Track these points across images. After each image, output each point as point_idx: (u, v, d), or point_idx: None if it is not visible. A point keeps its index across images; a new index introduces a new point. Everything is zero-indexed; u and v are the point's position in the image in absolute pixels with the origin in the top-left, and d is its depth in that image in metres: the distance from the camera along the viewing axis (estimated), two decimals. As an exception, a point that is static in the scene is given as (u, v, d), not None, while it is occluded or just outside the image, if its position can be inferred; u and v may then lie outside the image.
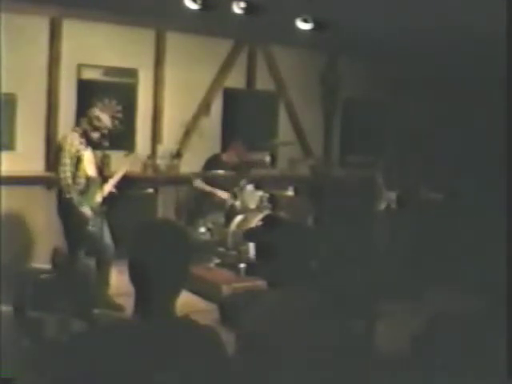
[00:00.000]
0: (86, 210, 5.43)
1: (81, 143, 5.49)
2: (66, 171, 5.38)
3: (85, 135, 5.53)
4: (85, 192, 5.50)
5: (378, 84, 8.72)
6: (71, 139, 5.46)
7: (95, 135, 5.57)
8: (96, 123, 5.56)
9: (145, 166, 7.66)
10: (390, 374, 3.73)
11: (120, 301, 5.51)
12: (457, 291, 5.69)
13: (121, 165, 6.10)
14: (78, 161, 5.44)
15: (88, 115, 5.61)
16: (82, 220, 5.43)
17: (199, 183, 7.17)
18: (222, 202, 7.07)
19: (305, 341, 2.49)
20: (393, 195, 7.07)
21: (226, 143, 7.83)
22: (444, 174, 7.58)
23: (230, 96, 8.39)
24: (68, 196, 5.38)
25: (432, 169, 7.45)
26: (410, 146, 7.57)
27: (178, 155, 7.88)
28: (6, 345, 4.29)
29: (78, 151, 5.44)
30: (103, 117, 5.65)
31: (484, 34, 5.96)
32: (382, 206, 7.14)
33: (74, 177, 5.43)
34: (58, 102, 7.17)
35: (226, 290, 6.09)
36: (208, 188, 7.16)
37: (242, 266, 6.50)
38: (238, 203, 6.96)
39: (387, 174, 7.19)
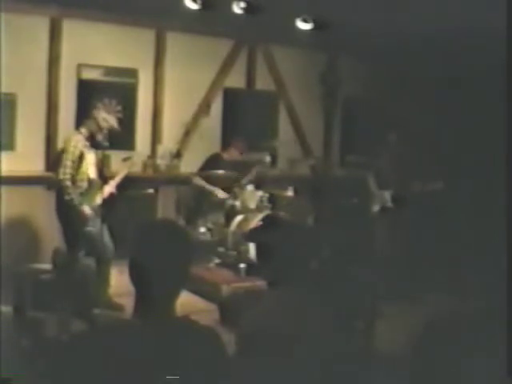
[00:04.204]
0: (87, 210, 5.44)
1: (85, 145, 5.49)
2: (66, 173, 5.38)
3: (90, 137, 5.54)
4: (85, 193, 5.50)
5: (378, 84, 8.72)
6: (76, 141, 5.47)
7: (100, 136, 5.59)
8: (104, 124, 5.58)
9: (145, 166, 7.67)
10: (389, 374, 3.73)
11: (120, 301, 5.51)
12: (456, 291, 5.69)
13: (121, 167, 6.11)
14: (79, 163, 5.44)
15: (94, 116, 5.60)
16: (81, 220, 5.43)
17: (198, 181, 7.17)
18: (222, 201, 7.07)
19: (305, 340, 2.49)
20: (387, 194, 7.03)
21: (226, 143, 7.82)
22: (443, 172, 7.57)
23: (230, 96, 8.39)
24: (67, 197, 5.38)
25: (431, 168, 7.43)
26: (410, 144, 7.54)
27: (178, 155, 7.89)
28: (6, 345, 4.29)
29: (81, 153, 5.45)
30: (110, 118, 5.66)
31: (484, 33, 5.96)
32: (376, 207, 7.08)
33: (76, 179, 5.44)
34: (58, 101, 7.16)
35: (225, 289, 6.09)
36: (208, 186, 7.15)
37: (242, 265, 6.50)
38: (237, 203, 6.96)
39: (381, 173, 7.13)
